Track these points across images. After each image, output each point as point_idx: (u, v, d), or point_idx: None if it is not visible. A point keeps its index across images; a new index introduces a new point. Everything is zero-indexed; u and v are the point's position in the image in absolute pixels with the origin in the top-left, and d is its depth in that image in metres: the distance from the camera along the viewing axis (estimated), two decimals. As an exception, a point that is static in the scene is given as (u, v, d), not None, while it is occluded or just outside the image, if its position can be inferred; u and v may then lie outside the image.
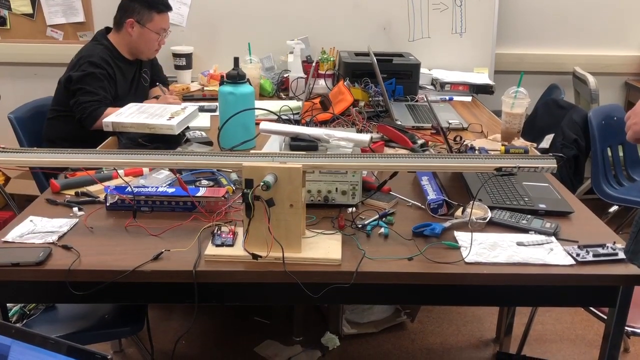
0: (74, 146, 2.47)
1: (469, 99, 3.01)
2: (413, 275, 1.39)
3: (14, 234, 1.49)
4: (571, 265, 1.41)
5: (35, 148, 1.57)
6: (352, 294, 1.40)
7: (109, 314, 1.83)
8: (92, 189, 1.76)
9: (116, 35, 2.63)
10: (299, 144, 1.69)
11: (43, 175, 2.57)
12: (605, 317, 1.57)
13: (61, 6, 3.46)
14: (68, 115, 2.48)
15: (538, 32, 3.54)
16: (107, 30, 2.68)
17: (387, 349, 2.49)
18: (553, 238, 1.52)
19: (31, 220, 1.57)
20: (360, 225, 1.56)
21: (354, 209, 1.65)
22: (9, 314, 1.63)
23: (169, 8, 2.67)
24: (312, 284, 1.36)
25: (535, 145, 2.27)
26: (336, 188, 1.65)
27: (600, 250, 1.44)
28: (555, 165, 1.44)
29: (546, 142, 2.86)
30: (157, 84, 2.82)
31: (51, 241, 1.46)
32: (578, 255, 1.43)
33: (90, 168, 1.86)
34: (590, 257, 1.42)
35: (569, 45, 3.57)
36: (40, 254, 1.38)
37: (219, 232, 1.47)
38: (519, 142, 2.24)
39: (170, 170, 1.80)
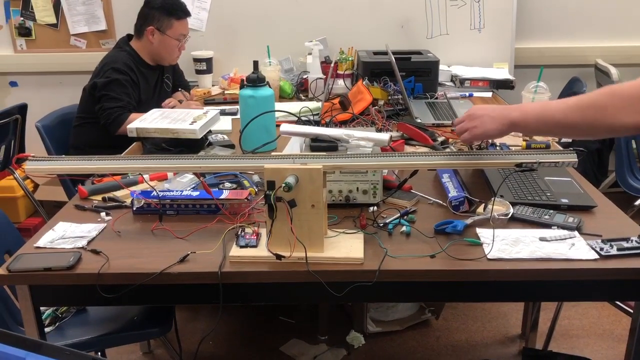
0: (100, 152, 2.55)
1: (489, 94, 2.99)
2: (436, 272, 1.40)
3: (45, 240, 1.53)
4: (595, 260, 1.40)
5: (63, 156, 1.61)
6: (376, 292, 1.41)
7: (138, 315, 1.87)
8: (118, 194, 1.80)
9: (138, 42, 2.68)
10: (319, 144, 1.71)
11: (71, 182, 2.63)
12: (632, 311, 1.55)
13: (84, 15, 3.53)
14: (93, 122, 2.54)
15: (558, 24, 3.50)
16: (129, 37, 2.73)
17: (412, 346, 2.50)
18: (576, 233, 1.51)
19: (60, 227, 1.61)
20: (381, 224, 1.57)
21: (376, 208, 1.66)
22: (42, 317, 1.68)
23: (187, 14, 2.71)
24: (335, 283, 1.37)
25: (557, 139, 2.26)
26: (357, 188, 1.66)
27: (625, 244, 1.43)
28: (576, 160, 1.43)
29: (568, 136, 2.83)
30: (179, 89, 2.85)
31: (81, 246, 1.50)
32: (602, 249, 1.43)
33: (116, 174, 1.90)
34: (614, 251, 1.42)
35: (590, 37, 3.52)
36: (70, 259, 1.42)
37: (242, 233, 1.50)
38: (540, 136, 2.22)
39: (194, 174, 1.83)
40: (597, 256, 1.41)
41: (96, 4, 3.51)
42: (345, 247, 1.45)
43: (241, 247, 1.46)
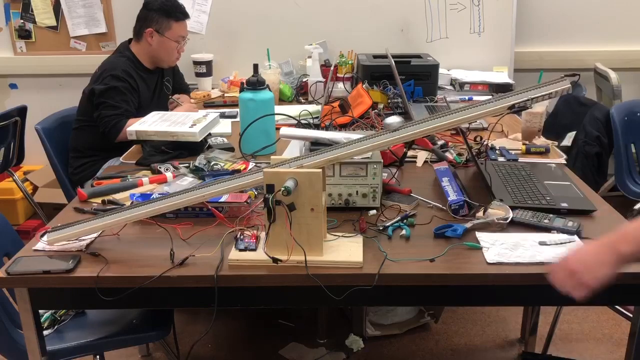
0: (100, 155, 2.55)
1: (488, 98, 2.99)
2: (435, 276, 1.40)
3: (43, 243, 1.53)
4: (594, 264, 1.40)
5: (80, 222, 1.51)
6: (375, 296, 1.41)
7: (137, 319, 1.86)
8: (118, 197, 1.79)
9: (137, 45, 2.68)
10: (318, 148, 1.70)
11: (70, 184, 2.63)
12: (631, 316, 1.55)
13: (84, 18, 3.53)
14: (93, 126, 2.53)
15: (557, 29, 3.51)
16: (130, 41, 2.73)
17: (412, 350, 2.50)
18: (576, 237, 1.51)
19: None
20: (381, 228, 1.57)
21: (375, 211, 1.66)
22: (41, 320, 1.67)
23: (186, 16, 2.71)
24: (334, 287, 1.37)
25: (556, 143, 2.26)
26: (357, 191, 1.66)
27: (624, 249, 1.43)
28: (569, 85, 1.36)
29: (568, 139, 2.84)
30: (170, 96, 2.84)
31: (80, 249, 1.50)
32: (601, 253, 1.42)
33: (115, 176, 1.90)
34: (613, 256, 1.41)
35: (590, 41, 3.53)
36: (69, 262, 1.42)
37: (242, 236, 1.49)
38: (540, 140, 2.22)
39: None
40: (596, 260, 1.41)
41: (96, 7, 3.51)
42: (345, 250, 1.45)
43: (240, 250, 1.45)
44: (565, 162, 2.06)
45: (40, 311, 1.56)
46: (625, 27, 3.52)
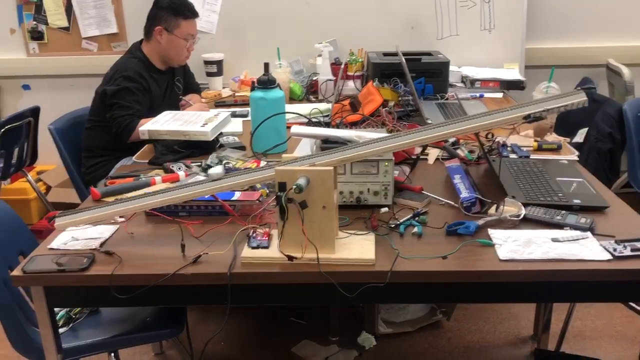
0: (112, 154, 2.57)
1: (499, 95, 2.99)
2: (448, 273, 1.40)
3: (58, 242, 1.55)
4: (608, 261, 1.40)
5: (90, 206, 1.54)
6: (387, 294, 1.41)
7: (150, 316, 1.88)
8: (131, 196, 1.80)
9: (147, 44, 2.70)
10: (329, 146, 1.71)
11: (83, 184, 2.66)
12: (645, 312, 1.54)
13: (95, 19, 3.55)
14: (105, 125, 2.55)
15: (568, 24, 3.49)
16: (142, 42, 2.75)
17: (424, 347, 2.49)
18: (589, 233, 1.50)
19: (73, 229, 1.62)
20: (393, 225, 1.57)
21: (387, 209, 1.66)
22: (56, 318, 1.69)
23: (195, 14, 2.72)
24: (347, 284, 1.38)
25: (568, 140, 2.25)
26: (368, 189, 1.66)
27: (639, 245, 1.42)
28: (586, 99, 1.37)
29: (580, 136, 2.82)
30: (180, 96, 2.86)
31: (94, 247, 1.51)
32: (615, 250, 1.42)
33: (128, 175, 1.92)
34: (628, 252, 1.41)
35: (601, 36, 3.50)
36: (84, 260, 1.43)
37: (254, 234, 1.50)
38: (552, 137, 2.21)
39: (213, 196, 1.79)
40: (610, 257, 1.41)
41: (107, 7, 3.54)
42: (357, 248, 1.45)
43: (253, 248, 1.46)
44: (577, 159, 2.05)
45: (55, 309, 1.57)
46: (638, 22, 3.48)
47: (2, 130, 2.91)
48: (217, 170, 1.52)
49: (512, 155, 2.07)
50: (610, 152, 2.75)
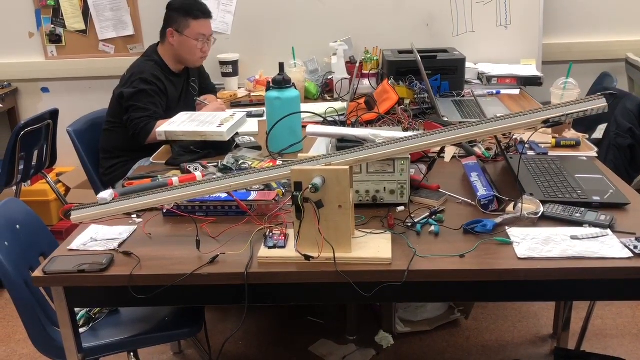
0: (129, 155, 2.59)
1: (517, 91, 2.96)
2: (465, 272, 1.39)
3: (78, 242, 1.57)
4: (629, 258, 1.38)
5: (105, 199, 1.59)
6: (405, 293, 1.41)
7: (169, 316, 1.89)
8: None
9: (162, 47, 2.72)
10: (345, 145, 1.71)
11: (101, 185, 2.68)
12: (668, 311, 1.52)
13: (111, 21, 3.59)
14: (123, 127, 2.58)
15: (586, 19, 3.45)
16: (158, 44, 2.77)
17: (442, 346, 2.48)
18: (609, 231, 1.48)
19: (93, 229, 1.64)
20: (410, 224, 1.57)
21: (403, 207, 1.66)
22: (77, 318, 1.71)
23: (206, 14, 2.72)
24: (363, 283, 1.38)
25: (587, 136, 2.22)
26: (384, 188, 1.66)
27: (660, 242, 1.40)
28: (606, 104, 1.36)
29: (599, 132, 2.78)
30: (196, 97, 2.87)
31: (113, 248, 1.53)
32: (636, 247, 1.40)
33: (146, 176, 1.93)
34: (649, 249, 1.39)
35: (620, 30, 3.46)
36: (103, 261, 1.44)
37: (270, 234, 1.51)
38: (570, 133, 2.19)
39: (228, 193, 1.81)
40: (631, 254, 1.39)
41: (123, 10, 3.57)
42: (373, 247, 1.45)
43: (269, 248, 1.47)
44: (596, 155, 2.03)
45: (75, 310, 1.59)
46: (658, 16, 3.43)
47: (22, 133, 2.95)
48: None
49: (530, 152, 2.05)
50: (631, 147, 2.71)
